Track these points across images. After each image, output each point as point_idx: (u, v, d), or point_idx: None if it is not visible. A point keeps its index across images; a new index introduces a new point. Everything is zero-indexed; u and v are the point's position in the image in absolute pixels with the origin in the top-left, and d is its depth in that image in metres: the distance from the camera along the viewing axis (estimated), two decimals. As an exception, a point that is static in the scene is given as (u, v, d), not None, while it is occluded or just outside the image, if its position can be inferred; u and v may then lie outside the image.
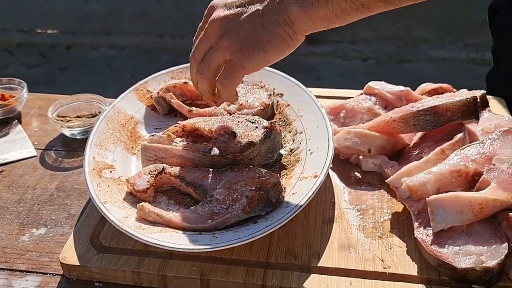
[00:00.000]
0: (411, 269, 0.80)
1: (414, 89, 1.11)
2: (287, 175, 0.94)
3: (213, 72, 0.88)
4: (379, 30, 3.42)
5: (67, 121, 1.13)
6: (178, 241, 0.81)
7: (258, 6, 0.85)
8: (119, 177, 0.95)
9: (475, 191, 0.84)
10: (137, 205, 0.88)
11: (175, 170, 0.91)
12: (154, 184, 0.90)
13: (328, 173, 0.92)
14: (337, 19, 0.81)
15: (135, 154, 1.01)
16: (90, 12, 3.65)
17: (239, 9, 0.87)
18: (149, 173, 0.91)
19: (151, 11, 3.62)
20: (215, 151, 0.94)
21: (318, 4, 0.80)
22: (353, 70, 3.38)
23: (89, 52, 3.63)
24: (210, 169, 0.91)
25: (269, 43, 0.84)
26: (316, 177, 0.88)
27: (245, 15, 0.85)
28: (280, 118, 1.07)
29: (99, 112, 1.16)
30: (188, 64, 1.16)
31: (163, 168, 0.91)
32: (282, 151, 1.00)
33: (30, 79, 1.32)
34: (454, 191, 0.84)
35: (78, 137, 1.13)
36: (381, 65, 3.41)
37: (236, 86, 0.90)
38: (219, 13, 0.88)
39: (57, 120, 1.12)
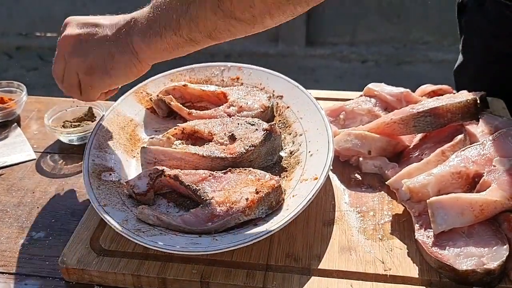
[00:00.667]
0: (412, 271, 0.80)
1: (413, 91, 1.11)
2: (287, 177, 0.94)
3: (76, 88, 0.97)
4: (378, 32, 3.43)
5: (64, 127, 1.12)
6: (177, 244, 0.81)
7: (108, 31, 0.92)
8: (118, 180, 0.95)
9: (476, 192, 0.84)
10: (137, 208, 0.87)
11: (175, 172, 0.91)
12: (153, 186, 0.90)
13: (328, 175, 0.92)
14: (174, 51, 0.87)
15: (134, 156, 1.01)
16: (88, 14, 3.65)
17: (90, 30, 0.94)
18: (148, 175, 0.91)
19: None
20: (215, 153, 0.94)
21: (155, 38, 0.86)
22: (352, 72, 3.38)
23: (88, 55, 3.63)
24: (210, 172, 0.91)
25: (114, 69, 0.91)
26: (316, 179, 0.88)
27: (95, 38, 0.92)
28: (280, 120, 1.06)
29: (93, 115, 1.16)
30: (188, 66, 1.17)
31: (162, 171, 0.91)
32: (282, 153, 0.99)
33: (29, 82, 1.32)
34: (454, 192, 0.84)
35: (75, 143, 1.12)
36: (380, 67, 3.41)
37: (95, 98, 0.99)
38: (72, 31, 0.96)
39: (54, 127, 1.11)
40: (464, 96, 0.97)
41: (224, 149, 0.95)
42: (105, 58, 0.91)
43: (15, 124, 1.20)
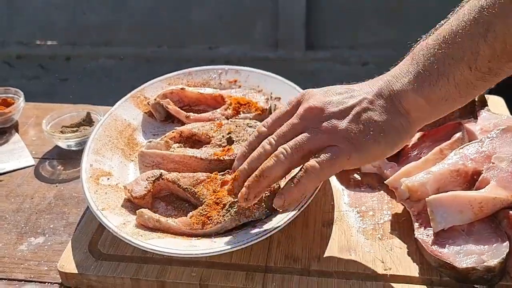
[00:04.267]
0: (412, 270, 0.80)
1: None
2: (285, 178, 0.94)
3: (300, 156, 0.75)
4: (378, 35, 3.42)
5: (62, 132, 1.12)
6: (176, 246, 0.81)
7: (366, 95, 0.75)
8: (116, 184, 0.94)
9: (475, 190, 0.83)
10: (136, 211, 0.87)
11: (173, 176, 0.91)
12: (151, 190, 0.90)
13: (327, 175, 0.91)
14: (460, 98, 0.71)
15: (132, 160, 1.01)
16: (88, 24, 3.66)
17: (342, 96, 0.76)
18: (146, 179, 0.90)
19: (150, 21, 3.63)
20: (213, 156, 0.93)
21: (438, 83, 0.70)
22: (352, 75, 3.37)
23: (89, 63, 3.63)
24: (208, 174, 0.90)
25: (381, 134, 0.73)
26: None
27: (352, 102, 0.75)
28: (277, 122, 1.06)
29: (91, 120, 1.16)
30: (186, 70, 1.17)
31: (160, 174, 0.90)
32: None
33: (30, 91, 1.32)
34: (453, 190, 0.83)
35: (73, 148, 1.12)
36: (380, 70, 3.40)
37: (326, 178, 0.77)
38: (317, 99, 0.77)
39: (52, 133, 1.11)
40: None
41: (222, 152, 0.94)
42: (370, 121, 0.73)
43: (13, 130, 1.20)
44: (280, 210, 0.84)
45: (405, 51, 0.77)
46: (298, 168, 0.76)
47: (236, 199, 0.80)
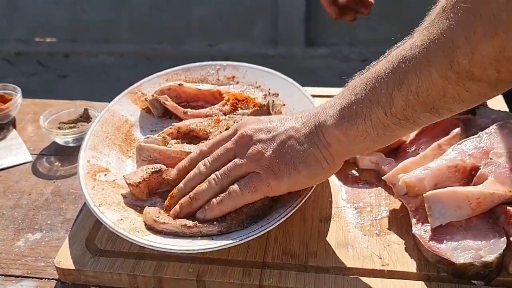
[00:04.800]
0: (410, 266, 0.79)
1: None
2: None
3: (230, 182, 0.80)
4: (378, 31, 3.42)
5: (60, 129, 1.12)
6: (173, 242, 0.80)
7: (294, 124, 0.79)
8: (114, 180, 0.94)
9: (473, 185, 0.83)
10: (135, 208, 0.87)
11: (172, 173, 0.90)
12: (147, 180, 0.89)
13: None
14: (377, 138, 0.74)
15: (130, 157, 1.00)
16: (88, 21, 3.65)
17: (274, 123, 0.81)
18: (145, 169, 0.90)
19: (150, 18, 3.62)
20: None
21: (356, 121, 0.73)
22: (352, 72, 3.36)
23: (88, 60, 3.63)
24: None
25: (303, 163, 0.76)
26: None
27: (281, 129, 0.79)
28: (275, 118, 1.06)
29: (88, 116, 1.15)
30: (184, 66, 1.16)
31: (160, 169, 0.90)
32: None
33: (29, 88, 1.32)
34: (451, 186, 0.83)
35: (71, 144, 1.12)
36: (380, 67, 3.40)
37: (250, 201, 0.80)
38: (250, 127, 0.82)
39: (50, 129, 1.11)
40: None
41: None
42: (294, 150, 0.77)
43: (11, 126, 1.19)
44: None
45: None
46: None
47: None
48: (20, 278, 0.85)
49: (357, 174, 0.98)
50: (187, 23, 3.61)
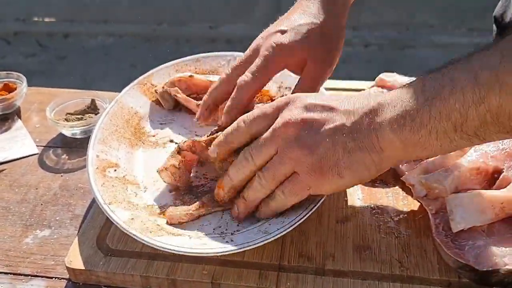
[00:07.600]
0: (430, 271, 0.78)
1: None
2: None
3: (277, 183, 0.77)
4: (381, 16, 3.39)
5: (67, 120, 1.09)
6: (186, 244, 0.78)
7: (345, 120, 0.71)
8: (123, 176, 0.92)
9: (496, 189, 0.81)
10: (166, 212, 0.84)
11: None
12: (183, 156, 0.87)
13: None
14: (442, 150, 0.69)
15: (140, 148, 0.97)
16: (87, 0, 3.60)
17: (322, 115, 0.72)
18: (171, 153, 0.87)
19: (150, -2, 3.57)
20: None
21: (420, 131, 0.66)
22: (355, 56, 3.34)
23: (87, 40, 3.58)
24: None
25: (348, 169, 0.71)
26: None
27: (328, 127, 0.72)
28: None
29: (96, 107, 1.13)
30: (194, 56, 1.13)
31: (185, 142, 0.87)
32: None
33: (28, 69, 1.29)
34: (473, 189, 0.81)
35: (78, 136, 1.09)
36: (383, 51, 3.37)
37: (294, 202, 0.78)
38: (296, 113, 0.73)
39: (57, 120, 1.08)
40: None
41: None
42: (339, 154, 0.70)
43: (16, 116, 1.16)
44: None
45: (408, 33, 0.73)
46: None
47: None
48: (29, 277, 0.83)
49: (373, 173, 0.95)
50: (188, 5, 3.56)
